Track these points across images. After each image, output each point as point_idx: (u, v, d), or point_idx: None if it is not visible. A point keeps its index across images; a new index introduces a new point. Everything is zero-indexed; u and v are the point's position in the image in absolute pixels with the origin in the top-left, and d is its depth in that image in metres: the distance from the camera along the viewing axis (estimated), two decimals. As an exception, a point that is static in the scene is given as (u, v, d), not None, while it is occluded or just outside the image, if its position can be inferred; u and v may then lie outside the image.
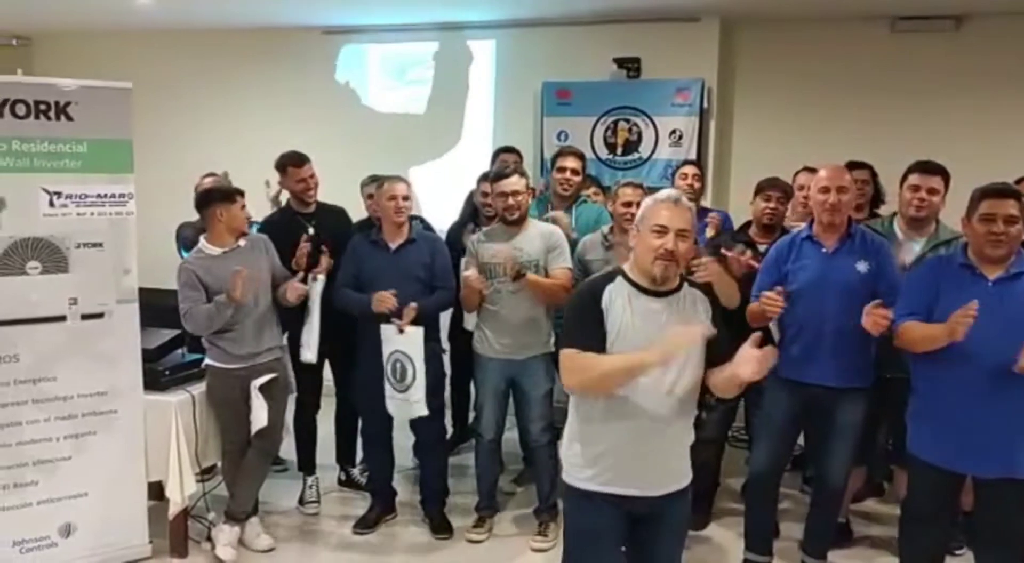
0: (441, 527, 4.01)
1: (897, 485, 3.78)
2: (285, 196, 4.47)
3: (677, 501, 2.45)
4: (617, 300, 2.32)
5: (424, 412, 3.77)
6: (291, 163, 4.24)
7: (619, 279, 2.37)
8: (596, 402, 2.36)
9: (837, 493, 3.45)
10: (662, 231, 2.30)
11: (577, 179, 4.42)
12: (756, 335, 2.25)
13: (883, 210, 4.22)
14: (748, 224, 4.05)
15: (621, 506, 2.38)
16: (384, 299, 3.65)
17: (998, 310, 2.74)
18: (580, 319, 2.35)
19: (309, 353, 4.02)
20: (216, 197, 3.72)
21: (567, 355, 2.33)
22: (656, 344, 2.19)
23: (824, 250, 3.29)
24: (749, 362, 2.19)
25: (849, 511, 3.97)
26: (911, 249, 3.55)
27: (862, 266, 3.23)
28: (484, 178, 4.48)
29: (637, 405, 2.30)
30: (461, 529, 4.00)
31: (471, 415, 4.71)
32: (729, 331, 2.41)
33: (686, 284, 2.42)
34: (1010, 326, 2.73)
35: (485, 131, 6.24)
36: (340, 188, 4.55)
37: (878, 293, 3.11)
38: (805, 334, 3.27)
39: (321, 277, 3.96)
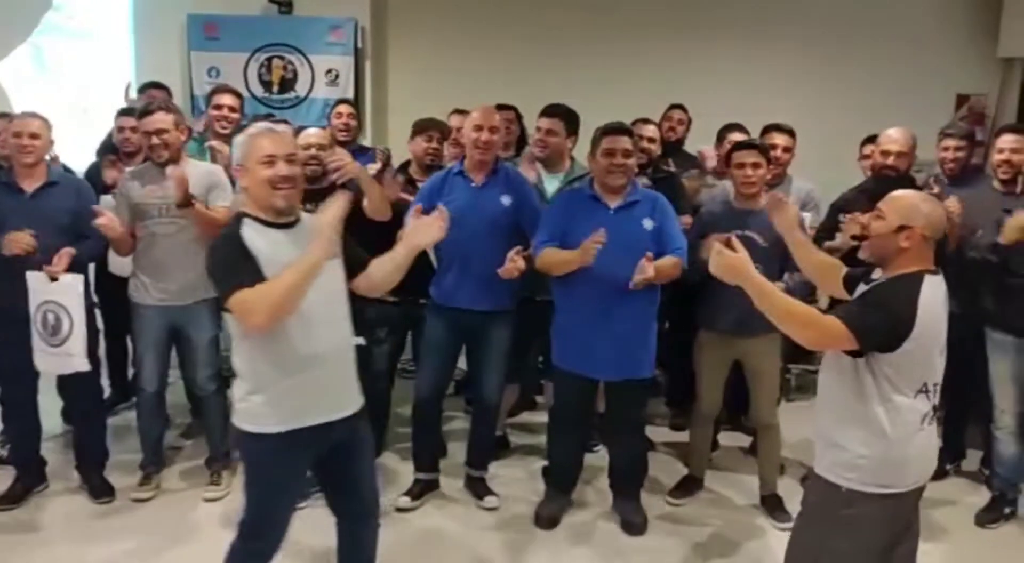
0: (101, 491, 3.75)
1: (547, 397, 4.22)
2: None
3: (362, 417, 2.53)
4: (258, 240, 2.29)
5: (85, 367, 3.50)
6: None
7: (246, 220, 2.33)
8: (276, 341, 2.29)
9: (493, 409, 3.78)
10: (271, 161, 2.30)
11: (235, 116, 4.30)
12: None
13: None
14: (408, 163, 4.19)
15: (320, 438, 2.40)
16: (17, 239, 3.29)
17: (618, 234, 3.13)
18: (235, 265, 2.23)
19: None
20: None
21: (240, 298, 2.17)
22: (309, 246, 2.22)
23: (473, 184, 3.53)
24: (421, 228, 2.47)
25: (506, 425, 4.38)
26: (551, 184, 3.94)
27: (506, 199, 3.51)
28: (122, 113, 4.23)
29: (316, 325, 2.31)
30: (125, 490, 3.79)
31: (131, 372, 4.43)
32: None
33: (304, 214, 2.46)
34: (627, 248, 3.14)
35: (125, 66, 5.74)
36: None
37: (521, 224, 3.43)
38: (456, 263, 3.51)
39: None
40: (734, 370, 3.67)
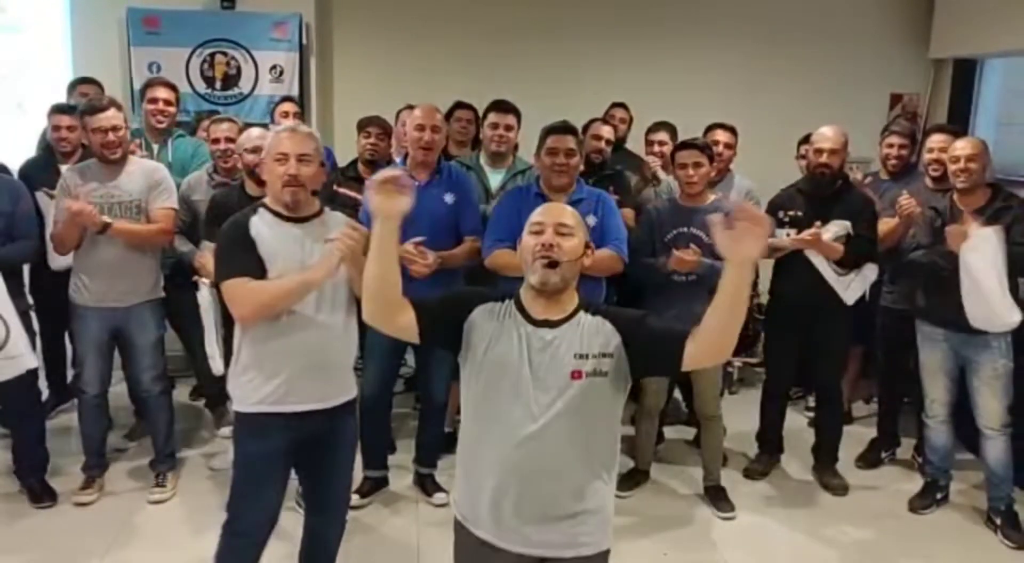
0: (42, 495, 3.68)
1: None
2: None
3: (348, 413, 2.64)
4: (264, 229, 2.44)
5: (33, 364, 3.43)
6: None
7: (261, 210, 2.49)
8: (271, 323, 2.42)
9: (441, 406, 3.80)
10: (283, 159, 2.44)
11: (172, 110, 4.24)
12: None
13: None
14: (356, 161, 4.19)
15: (296, 426, 2.48)
16: None
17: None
18: (233, 251, 2.42)
19: None
20: None
21: (231, 285, 2.38)
22: (316, 262, 2.40)
23: (416, 183, 3.53)
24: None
25: (456, 421, 4.38)
26: (495, 179, 3.97)
27: (449, 198, 3.52)
28: (57, 110, 4.11)
29: (308, 317, 2.44)
30: (67, 494, 3.71)
31: (70, 373, 4.34)
32: None
33: (327, 210, 2.60)
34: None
35: (61, 61, 5.60)
36: None
37: (461, 222, 3.45)
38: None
39: None
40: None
